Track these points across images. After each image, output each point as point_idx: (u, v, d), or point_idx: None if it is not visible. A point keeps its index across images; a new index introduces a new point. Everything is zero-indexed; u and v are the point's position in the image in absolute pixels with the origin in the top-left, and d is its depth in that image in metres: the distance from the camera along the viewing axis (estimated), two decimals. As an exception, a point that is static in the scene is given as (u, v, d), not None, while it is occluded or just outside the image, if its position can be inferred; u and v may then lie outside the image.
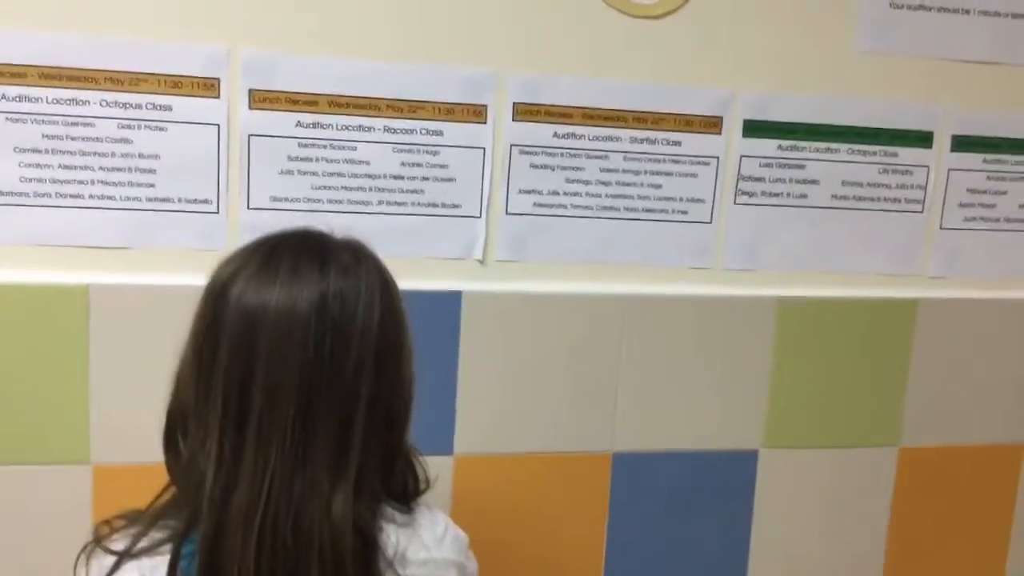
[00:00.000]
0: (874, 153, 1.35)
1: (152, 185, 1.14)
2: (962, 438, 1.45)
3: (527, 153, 1.25)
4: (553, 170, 1.26)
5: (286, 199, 1.19)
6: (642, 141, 1.28)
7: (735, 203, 1.33)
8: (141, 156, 1.14)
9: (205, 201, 1.16)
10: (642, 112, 1.28)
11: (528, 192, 1.26)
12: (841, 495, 1.42)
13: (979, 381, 1.44)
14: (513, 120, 1.24)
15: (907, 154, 1.36)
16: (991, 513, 1.49)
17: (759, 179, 1.33)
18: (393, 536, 0.84)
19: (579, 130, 1.26)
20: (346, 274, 0.82)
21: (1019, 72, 1.38)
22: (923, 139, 1.36)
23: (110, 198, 1.14)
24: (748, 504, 1.39)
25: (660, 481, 1.36)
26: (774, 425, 1.38)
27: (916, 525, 1.45)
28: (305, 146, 1.18)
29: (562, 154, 1.26)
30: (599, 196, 1.28)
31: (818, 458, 1.40)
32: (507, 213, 1.26)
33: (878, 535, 1.45)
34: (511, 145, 1.24)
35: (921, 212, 1.39)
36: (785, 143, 1.33)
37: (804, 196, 1.35)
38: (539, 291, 1.28)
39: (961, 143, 1.38)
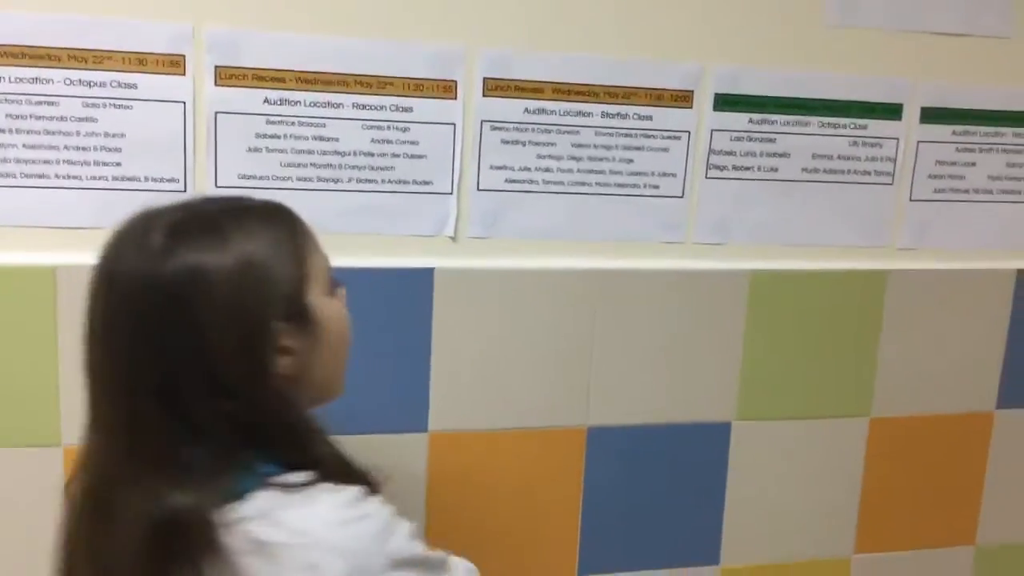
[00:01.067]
0: (844, 126, 1.35)
1: (118, 164, 1.13)
2: (932, 407, 1.47)
3: (498, 129, 1.24)
4: (524, 146, 1.26)
5: (254, 177, 1.18)
6: (613, 116, 1.28)
7: (706, 177, 1.33)
8: (106, 135, 1.13)
9: (172, 180, 1.15)
10: (613, 87, 1.27)
11: (499, 168, 1.26)
12: (813, 465, 1.43)
13: (949, 351, 1.46)
14: (483, 96, 1.23)
15: (877, 126, 1.37)
16: (961, 481, 1.52)
17: (730, 153, 1.33)
18: (263, 504, 0.79)
19: (550, 105, 1.25)
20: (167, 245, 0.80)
21: (987, 43, 1.39)
22: (892, 111, 1.37)
23: (76, 178, 1.13)
24: (721, 476, 1.40)
25: (635, 454, 1.37)
26: (747, 397, 1.39)
27: (887, 494, 1.47)
28: (273, 123, 1.17)
29: (533, 130, 1.26)
30: (571, 171, 1.28)
31: (790, 429, 1.41)
32: (478, 189, 1.25)
33: (850, 504, 1.46)
34: (482, 121, 1.24)
35: (891, 184, 1.40)
36: (756, 117, 1.33)
37: (775, 170, 1.35)
38: (512, 267, 1.28)
39: (930, 115, 1.39)
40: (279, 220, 0.87)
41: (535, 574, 1.35)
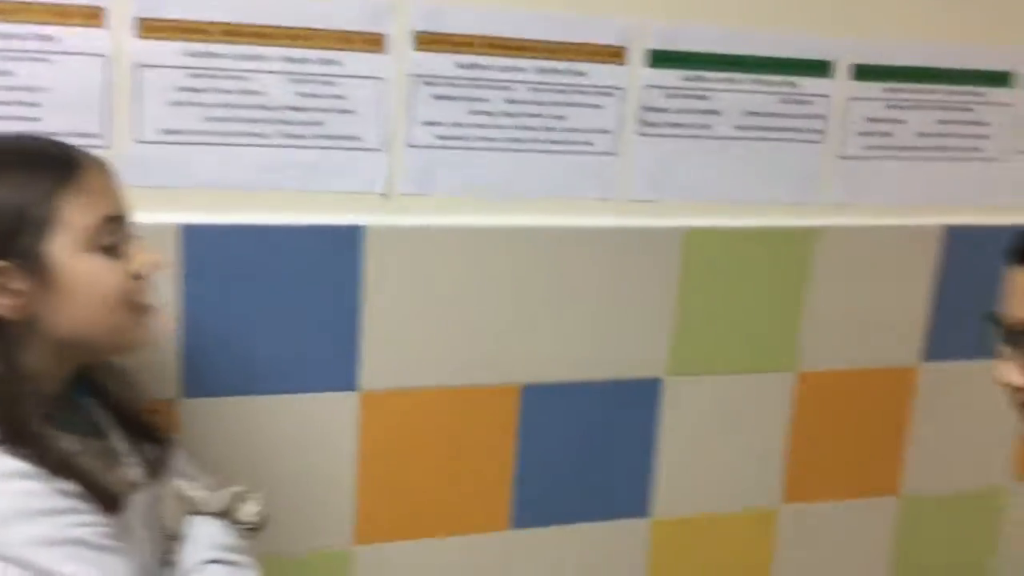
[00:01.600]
0: (775, 83, 1.36)
1: (38, 119, 1.09)
2: (859, 362, 1.50)
3: (429, 84, 1.23)
4: (456, 101, 1.24)
5: (178, 132, 1.16)
6: (547, 71, 1.27)
7: (640, 134, 1.33)
8: (25, 89, 1.09)
9: (93, 135, 1.12)
10: (547, 41, 1.26)
11: (431, 124, 1.24)
12: (742, 419, 1.46)
13: (875, 306, 1.49)
14: (414, 50, 1.21)
15: (807, 83, 1.38)
16: (886, 433, 1.56)
17: (663, 110, 1.33)
18: None
19: (483, 60, 1.24)
20: None
21: (918, 0, 1.40)
22: (823, 69, 1.38)
23: (-10, 132, 1.09)
24: (653, 431, 1.43)
25: (568, 411, 1.38)
26: (678, 353, 1.41)
27: (814, 446, 1.51)
28: (196, 76, 1.14)
29: (465, 85, 1.24)
30: (504, 128, 1.27)
31: (720, 384, 1.44)
32: (409, 146, 1.24)
33: (778, 456, 1.50)
34: (412, 75, 1.22)
35: (821, 141, 1.41)
36: (689, 74, 1.33)
37: (708, 127, 1.36)
38: (444, 224, 1.27)
39: (860, 72, 1.40)
40: (41, 167, 0.88)
41: (469, 529, 1.37)
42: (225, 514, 1.02)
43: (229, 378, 1.21)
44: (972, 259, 1.48)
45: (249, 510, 1.03)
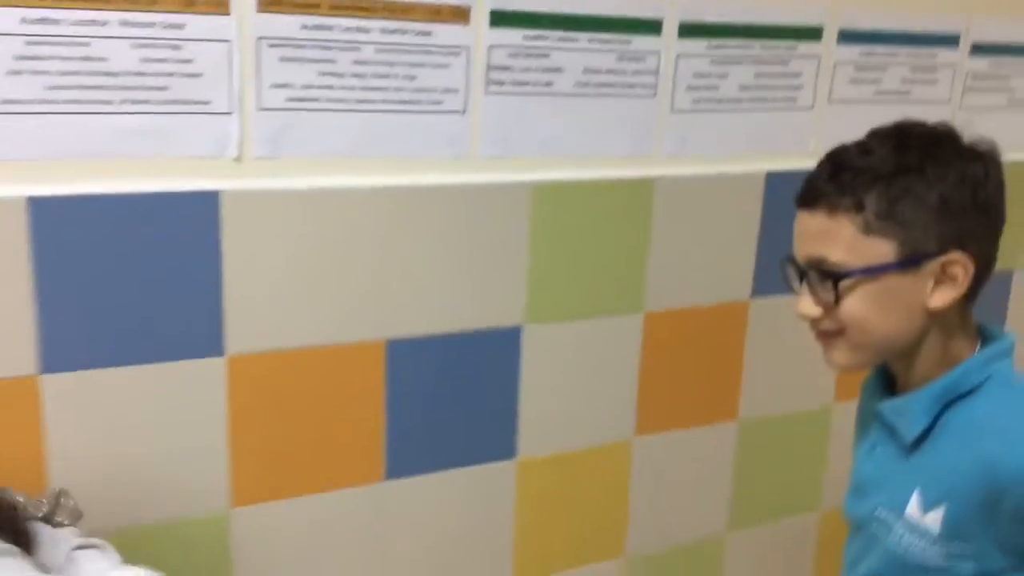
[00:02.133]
0: (611, 41, 1.44)
1: None
2: (697, 300, 1.62)
3: (276, 46, 1.24)
4: (305, 63, 1.26)
5: (18, 101, 1.12)
6: (393, 32, 1.30)
7: (487, 93, 1.38)
8: None
9: (-77, 106, 1.07)
10: (391, 2, 1.29)
11: (281, 87, 1.25)
12: (596, 360, 1.55)
13: (710, 248, 1.61)
14: (258, 11, 1.21)
15: (640, 41, 1.46)
16: (724, 364, 1.69)
17: (507, 68, 1.39)
18: None
19: (328, 21, 1.26)
20: None
21: (734, -37, 1.51)
22: (654, 27, 1.47)
23: None
24: (515, 376, 1.49)
25: (433, 363, 1.43)
26: (535, 301, 1.48)
27: (662, 381, 1.62)
28: (33, 44, 1.11)
29: (312, 46, 1.26)
30: (353, 89, 1.30)
31: (575, 328, 1.52)
32: (260, 109, 1.24)
33: (630, 392, 1.60)
34: (258, 38, 1.22)
35: (654, 96, 1.50)
36: (530, 33, 1.39)
37: (550, 84, 1.42)
38: (300, 187, 1.28)
39: (687, 30, 1.50)
40: None
41: (346, 483, 1.40)
42: (49, 517, 1.05)
43: (91, 350, 1.19)
44: (791, 202, 1.61)
45: (68, 505, 1.06)
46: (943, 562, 1.02)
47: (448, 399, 1.45)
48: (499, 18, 1.36)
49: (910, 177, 1.00)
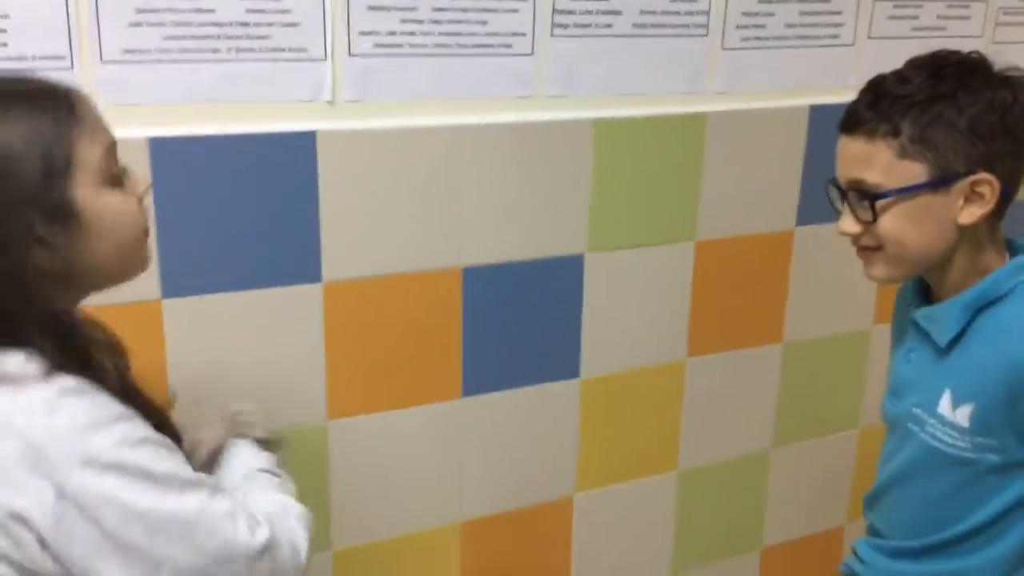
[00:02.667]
0: (667, -16, 1.54)
1: (5, 44, 1.16)
2: (746, 229, 1.73)
3: (364, -4, 1.34)
4: (389, 12, 1.36)
5: (137, 51, 1.24)
6: (467, -20, 1.40)
7: (552, 35, 1.48)
8: (-11, 15, 1.15)
9: (58, 57, 1.19)
10: (464, -46, 1.39)
11: (368, 34, 1.36)
12: (652, 285, 1.67)
13: (758, 180, 1.71)
14: (348, -35, 1.32)
15: (693, -17, 1.56)
16: (770, 289, 1.80)
17: (570, 12, 1.49)
18: None
19: (410, -28, 1.36)
20: None
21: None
22: (706, -30, 1.56)
23: (-41, 58, 1.15)
24: (578, 301, 1.61)
25: (504, 288, 1.55)
26: (595, 231, 1.59)
27: (711, 305, 1.73)
28: (151, -2, 1.23)
29: (396, -5, 1.36)
30: (432, 35, 1.40)
31: (633, 256, 1.63)
32: (350, 55, 1.35)
33: (681, 316, 1.72)
34: (349, -12, 1.33)
35: (706, 35, 1.60)
36: (591, -22, 1.49)
37: (609, 26, 1.52)
38: (386, 127, 1.40)
39: (736, -28, 1.59)
40: (46, 107, 0.84)
41: (427, 399, 1.53)
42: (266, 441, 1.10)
43: (204, 278, 1.32)
44: (833, 134, 1.70)
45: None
46: (971, 454, 1.12)
47: (518, 322, 1.58)
48: (563, -35, 1.46)
49: (942, 104, 1.07)
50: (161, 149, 1.26)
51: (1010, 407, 1.08)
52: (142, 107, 1.25)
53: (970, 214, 1.09)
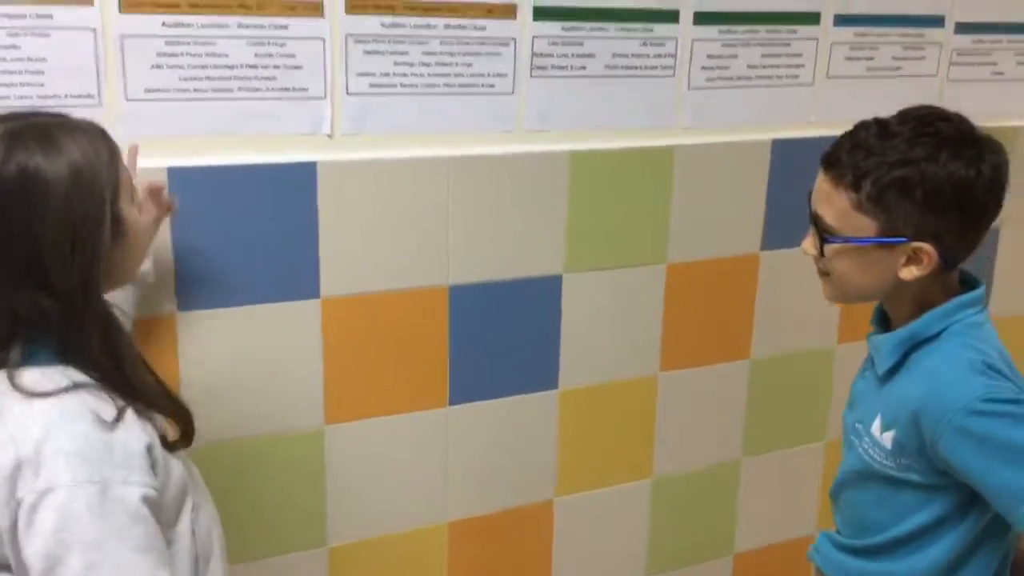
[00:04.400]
0: (635, 30, 1.69)
1: (42, 85, 1.31)
2: (714, 253, 1.87)
3: (360, 42, 1.50)
4: (383, 55, 1.52)
5: (158, 90, 1.39)
6: (454, 27, 1.56)
7: (531, 76, 1.64)
8: (29, 60, 1.30)
9: (88, 96, 1.35)
10: (453, 3, 1.55)
11: (364, 75, 1.51)
12: (625, 305, 1.81)
13: (724, 207, 1.85)
14: (346, 14, 1.48)
15: (660, 29, 1.71)
16: (737, 310, 1.93)
17: (548, 55, 1.64)
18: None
19: (402, 20, 1.52)
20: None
21: (741, -41, 1.76)
22: (671, 16, 1.72)
23: (4, 99, 1.30)
24: (557, 317, 1.75)
25: (488, 305, 1.69)
26: (572, 254, 1.74)
27: (682, 323, 1.87)
28: (171, 43, 1.38)
29: (389, 41, 1.52)
30: (422, 76, 1.56)
31: (607, 277, 1.78)
32: (348, 94, 1.51)
33: (655, 333, 1.86)
34: (347, 35, 1.48)
35: (673, 76, 1.75)
36: (567, 25, 1.64)
37: (583, 68, 1.68)
38: (379, 157, 1.55)
39: (701, 18, 1.74)
40: (98, 134, 1.00)
41: (417, 407, 1.67)
42: None
43: (215, 294, 1.47)
44: (795, 167, 1.85)
45: None
46: (895, 472, 1.21)
47: (500, 337, 1.72)
48: (541, 13, 1.61)
49: (908, 169, 1.11)
50: (179, 177, 1.41)
51: (919, 440, 1.17)
52: (162, 140, 1.40)
53: (909, 272, 1.16)
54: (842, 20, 1.88)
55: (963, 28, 2.01)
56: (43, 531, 0.90)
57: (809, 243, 1.24)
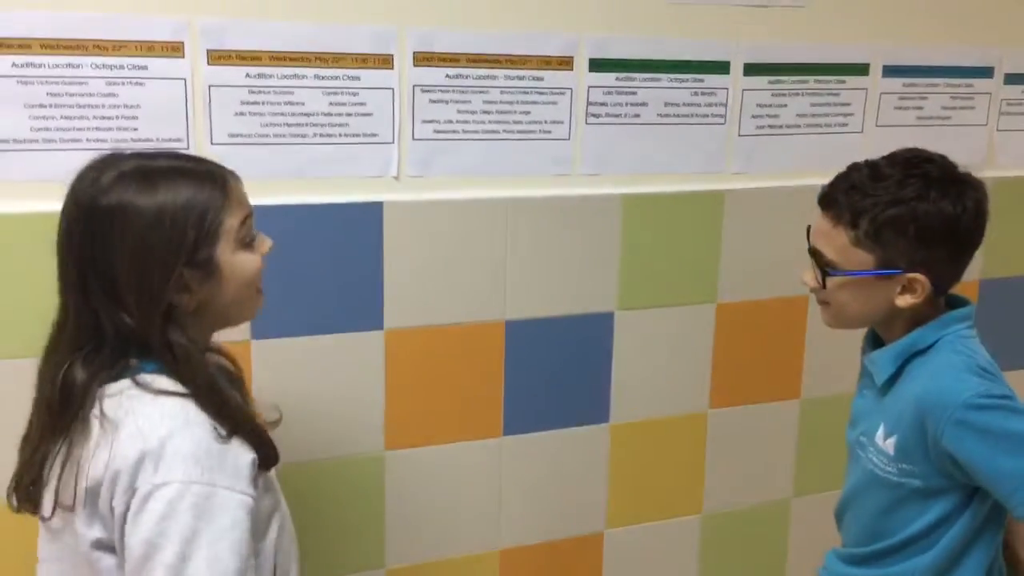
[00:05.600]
0: (687, 80, 1.77)
1: (136, 129, 1.45)
2: (765, 293, 1.92)
3: (426, 91, 1.61)
4: (447, 104, 1.62)
5: (241, 135, 1.51)
6: (514, 78, 1.66)
7: (586, 123, 1.73)
8: (125, 107, 1.44)
9: (177, 140, 1.47)
10: (512, 55, 1.65)
11: (429, 122, 1.62)
12: (676, 342, 1.87)
13: (773, 249, 1.91)
14: (413, 66, 1.59)
15: (711, 80, 1.79)
16: (788, 349, 1.98)
17: (603, 104, 1.73)
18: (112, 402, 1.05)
19: (466, 71, 1.62)
20: (86, 177, 1.06)
21: (786, 12, 1.82)
22: (722, 68, 1.80)
23: (103, 141, 1.43)
24: (608, 353, 1.82)
25: (543, 339, 1.76)
26: (625, 292, 1.81)
27: (732, 361, 1.92)
28: (254, 93, 1.50)
29: (453, 91, 1.62)
30: (483, 123, 1.66)
31: (658, 315, 1.84)
32: (414, 139, 1.62)
33: (703, 371, 1.91)
34: (414, 86, 1.59)
35: (724, 124, 1.83)
36: (621, 75, 1.73)
37: (637, 116, 1.76)
38: (443, 198, 1.65)
39: (751, 69, 1.82)
40: (208, 186, 1.07)
41: (472, 436, 1.75)
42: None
43: (286, 323, 1.58)
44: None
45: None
46: (896, 478, 1.30)
47: (554, 371, 1.79)
48: (596, 64, 1.71)
49: (900, 208, 1.23)
50: (258, 216, 1.51)
51: (923, 440, 1.26)
52: (244, 181, 1.51)
53: (904, 300, 1.27)
54: (891, 71, 1.94)
55: (1012, 79, 2.05)
56: (149, 520, 0.99)
57: (810, 276, 1.35)
